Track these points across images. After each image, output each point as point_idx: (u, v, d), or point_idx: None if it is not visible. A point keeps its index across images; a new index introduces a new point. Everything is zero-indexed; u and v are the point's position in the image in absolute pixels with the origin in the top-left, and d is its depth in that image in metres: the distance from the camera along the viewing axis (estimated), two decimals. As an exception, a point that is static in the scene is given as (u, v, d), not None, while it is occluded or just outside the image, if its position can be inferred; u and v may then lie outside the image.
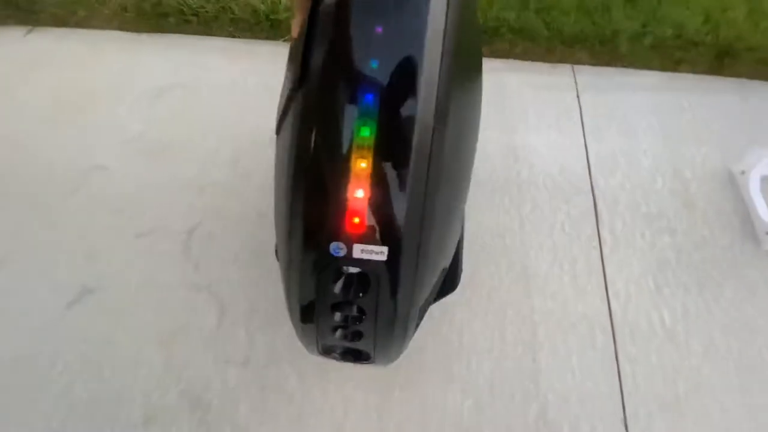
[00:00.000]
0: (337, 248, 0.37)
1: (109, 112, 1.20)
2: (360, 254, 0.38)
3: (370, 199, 0.35)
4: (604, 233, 0.95)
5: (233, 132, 1.11)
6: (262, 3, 1.31)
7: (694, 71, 1.23)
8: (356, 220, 0.36)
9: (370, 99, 0.33)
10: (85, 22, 1.41)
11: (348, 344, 0.51)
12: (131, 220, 0.99)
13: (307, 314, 0.46)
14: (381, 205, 0.36)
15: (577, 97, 1.18)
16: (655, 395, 0.79)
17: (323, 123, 0.36)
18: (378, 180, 0.35)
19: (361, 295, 0.41)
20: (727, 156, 1.07)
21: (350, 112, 0.34)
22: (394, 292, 0.41)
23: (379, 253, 0.37)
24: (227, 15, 1.31)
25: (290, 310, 0.48)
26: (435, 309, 0.85)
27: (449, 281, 0.61)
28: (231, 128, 1.12)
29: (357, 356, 0.55)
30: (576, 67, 1.25)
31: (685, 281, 0.90)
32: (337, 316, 0.45)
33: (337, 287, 0.41)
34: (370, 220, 0.36)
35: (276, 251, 0.61)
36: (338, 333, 0.48)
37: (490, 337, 0.82)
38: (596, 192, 1.01)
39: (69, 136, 1.14)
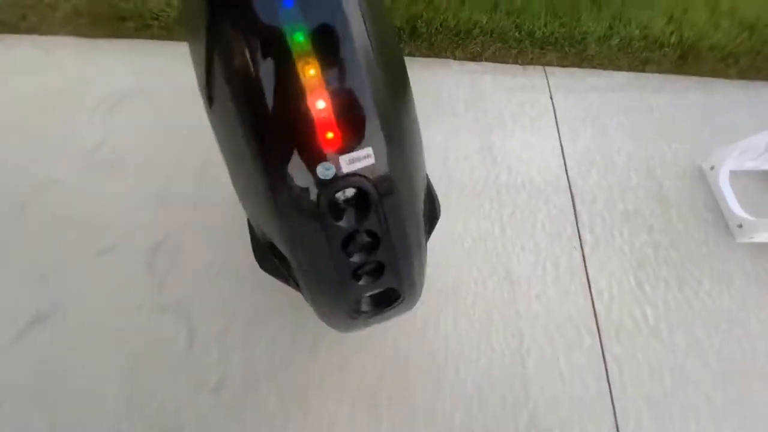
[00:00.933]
0: (325, 170, 0.34)
1: (65, 121, 1.12)
2: (349, 166, 0.35)
3: (333, 104, 0.32)
4: (584, 233, 0.95)
5: (198, 140, 1.05)
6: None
7: (660, 70, 1.26)
8: (330, 134, 0.33)
9: (289, 4, 0.31)
10: (36, 28, 1.32)
11: (375, 287, 0.47)
12: (90, 238, 0.91)
13: (332, 274, 0.43)
14: (346, 105, 0.33)
15: (551, 98, 1.19)
16: (644, 393, 0.78)
17: (255, 47, 0.32)
18: (332, 81, 0.32)
19: (366, 216, 0.39)
20: (694, 152, 1.10)
21: (276, 23, 0.31)
22: (394, 196, 0.39)
23: (366, 156, 0.35)
24: (191, 19, 1.26)
25: (313, 286, 0.45)
26: (419, 316, 0.82)
27: (432, 212, 0.58)
28: (195, 136, 1.05)
29: (386, 300, 0.51)
30: (548, 68, 1.26)
31: (665, 277, 0.90)
32: (356, 257, 0.42)
33: (346, 220, 0.38)
34: (343, 127, 0.33)
35: (256, 253, 0.58)
36: (363, 279, 0.45)
37: (476, 344, 0.80)
38: (574, 192, 1.01)
39: (20, 147, 1.05)
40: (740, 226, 0.94)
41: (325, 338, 0.80)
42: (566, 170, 1.05)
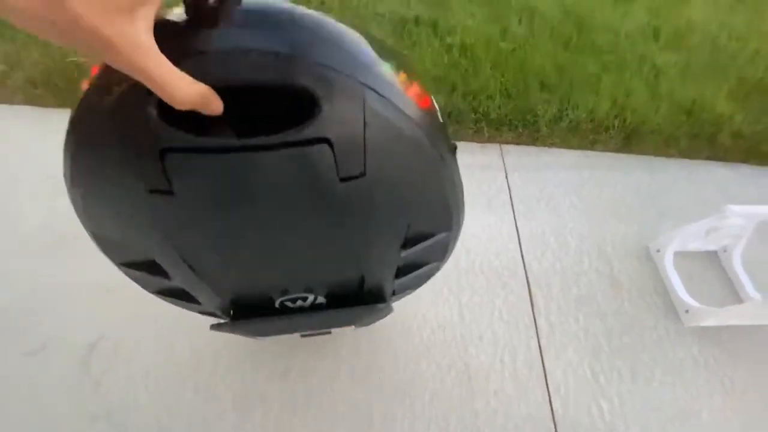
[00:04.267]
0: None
1: (6, 200, 1.06)
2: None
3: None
4: (540, 320, 0.95)
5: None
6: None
7: (608, 150, 1.34)
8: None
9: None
10: (-15, 95, 1.28)
11: None
12: (19, 336, 0.84)
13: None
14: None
15: (506, 177, 1.23)
16: (603, 500, 0.76)
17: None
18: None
19: None
20: (642, 232, 1.14)
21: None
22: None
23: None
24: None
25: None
26: (375, 424, 0.79)
27: None
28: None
29: None
30: (504, 146, 1.31)
31: (618, 367, 0.91)
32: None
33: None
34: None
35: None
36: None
37: (432, 452, 0.77)
38: (530, 276, 1.02)
39: (-51, 230, 0.98)
40: (687, 311, 0.98)
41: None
42: (521, 252, 1.07)
